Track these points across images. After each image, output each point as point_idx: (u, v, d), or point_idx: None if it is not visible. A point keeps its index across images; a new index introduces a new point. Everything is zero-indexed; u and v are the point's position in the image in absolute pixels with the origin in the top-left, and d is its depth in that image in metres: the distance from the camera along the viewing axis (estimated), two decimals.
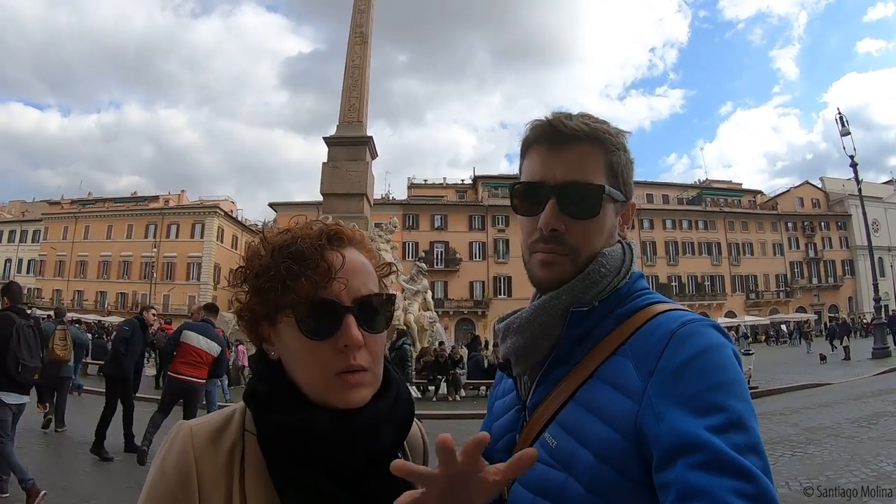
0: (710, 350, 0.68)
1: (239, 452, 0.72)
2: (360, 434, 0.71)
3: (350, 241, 0.77)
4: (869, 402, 9.29)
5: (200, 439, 0.72)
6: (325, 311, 0.70)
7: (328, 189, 16.27)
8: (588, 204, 0.81)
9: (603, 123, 0.84)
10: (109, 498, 4.77)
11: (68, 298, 45.48)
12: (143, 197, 55.09)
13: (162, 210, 49.20)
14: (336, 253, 0.73)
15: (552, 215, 0.80)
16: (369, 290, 0.74)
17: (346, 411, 0.71)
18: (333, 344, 0.70)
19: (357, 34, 17.73)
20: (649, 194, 51.63)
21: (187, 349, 6.02)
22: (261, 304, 0.74)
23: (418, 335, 15.37)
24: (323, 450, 0.70)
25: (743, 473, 0.58)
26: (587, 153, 0.82)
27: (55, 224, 49.13)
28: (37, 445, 6.43)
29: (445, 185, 52.63)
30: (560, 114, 0.84)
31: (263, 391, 0.74)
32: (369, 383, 0.73)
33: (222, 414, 0.77)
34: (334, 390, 0.70)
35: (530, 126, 0.85)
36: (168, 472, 0.69)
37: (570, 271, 0.82)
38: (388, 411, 0.75)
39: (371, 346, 0.73)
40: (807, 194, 53.85)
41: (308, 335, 0.70)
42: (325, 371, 0.70)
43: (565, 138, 0.81)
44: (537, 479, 0.76)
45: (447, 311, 40.11)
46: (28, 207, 56.10)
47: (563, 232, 0.81)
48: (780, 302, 49.17)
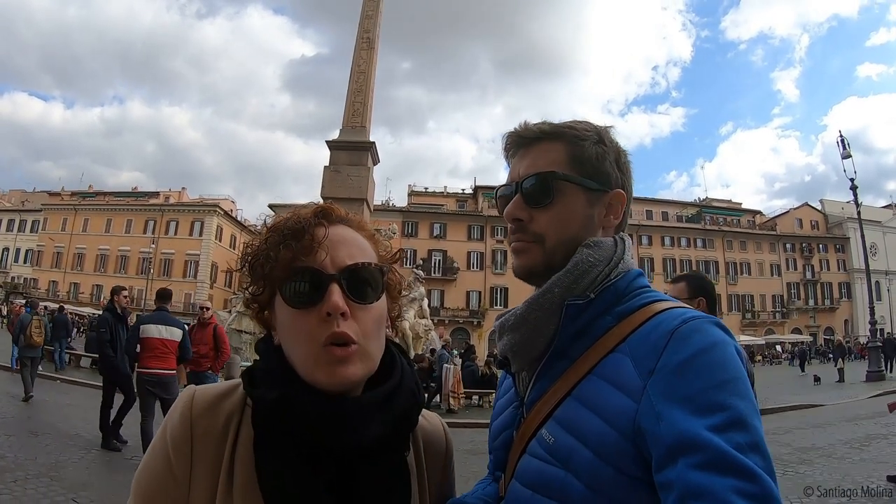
0: (712, 348, 0.67)
1: (236, 422, 0.73)
2: (345, 419, 0.69)
3: (341, 220, 0.78)
4: (862, 425, 9.28)
5: (200, 404, 0.74)
6: (306, 278, 0.71)
7: (329, 193, 16.24)
8: (541, 190, 0.85)
9: (574, 123, 0.88)
10: (97, 489, 4.73)
11: (64, 290, 45.35)
12: (143, 192, 55.15)
13: (162, 206, 49.17)
14: (322, 225, 0.74)
15: (514, 206, 0.86)
16: (357, 260, 0.74)
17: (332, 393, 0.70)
18: (318, 312, 0.70)
19: (364, 39, 17.83)
20: (649, 211, 51.78)
21: (150, 343, 5.88)
22: (258, 284, 0.76)
23: (413, 343, 15.33)
24: (304, 431, 0.69)
25: (745, 473, 0.57)
26: (547, 149, 0.87)
27: (54, 215, 49.04)
28: (26, 436, 6.38)
29: (446, 194, 52.69)
30: (526, 122, 0.90)
31: (259, 369, 0.76)
32: (358, 360, 0.70)
33: (229, 383, 0.78)
34: (322, 364, 0.69)
35: (503, 138, 0.93)
36: (167, 432, 0.72)
37: (539, 258, 0.85)
38: (382, 400, 0.73)
39: (361, 318, 0.72)
40: (806, 216, 54.04)
41: (291, 304, 0.71)
42: (311, 341, 0.70)
43: (528, 141, 0.89)
44: (535, 475, 0.76)
45: (443, 320, 39.93)
46: (28, 197, 56.03)
47: (527, 221, 0.85)
48: (776, 323, 49.17)
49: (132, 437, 6.23)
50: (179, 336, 6.10)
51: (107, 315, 6.83)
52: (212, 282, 45.14)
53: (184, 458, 0.70)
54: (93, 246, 47.15)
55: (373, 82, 17.84)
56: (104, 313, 6.99)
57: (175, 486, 0.70)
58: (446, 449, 0.90)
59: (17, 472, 4.89)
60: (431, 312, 19.97)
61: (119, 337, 6.62)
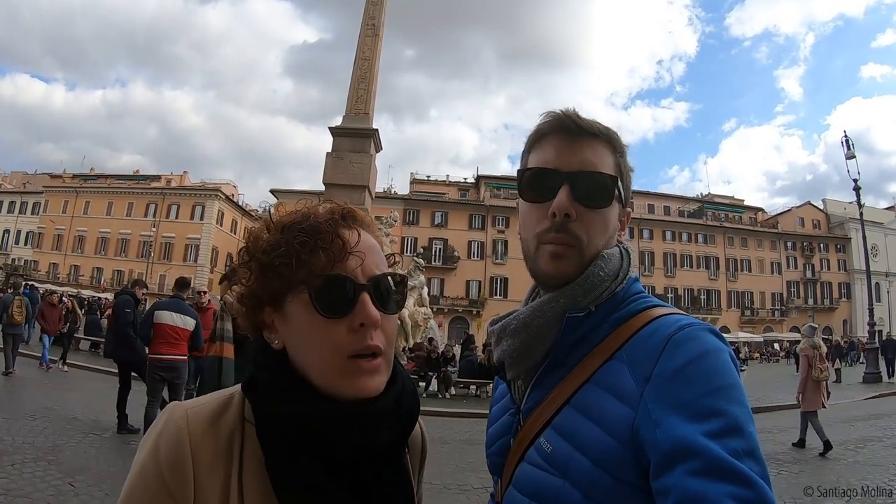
0: (707, 355, 0.67)
1: (238, 441, 0.69)
2: (364, 428, 0.68)
3: (362, 223, 0.76)
4: (857, 426, 9.31)
5: (197, 423, 0.68)
6: (341, 286, 0.68)
7: (331, 179, 16.20)
8: (602, 193, 0.82)
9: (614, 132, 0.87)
10: (95, 473, 4.75)
11: (64, 273, 45.49)
12: (144, 175, 55.03)
13: (163, 190, 49.16)
14: (352, 230, 0.72)
15: (566, 200, 0.80)
16: (382, 270, 0.72)
17: (351, 402, 0.68)
18: (349, 323, 0.67)
19: (369, 26, 17.66)
20: (650, 205, 51.69)
21: (163, 329, 5.93)
22: (269, 283, 0.70)
23: (412, 331, 15.37)
24: (322, 443, 0.67)
25: (741, 479, 0.58)
26: (601, 149, 0.84)
27: (56, 197, 49.07)
28: (24, 420, 6.40)
29: (448, 183, 52.61)
30: (575, 110, 0.85)
31: (264, 380, 0.71)
32: (384, 370, 0.70)
33: (218, 398, 0.73)
34: (348, 376, 0.67)
35: (546, 116, 0.86)
36: (161, 455, 0.65)
37: (576, 266, 0.81)
38: (393, 405, 0.72)
39: (386, 328, 0.71)
40: (808, 215, 53.98)
41: (323, 312, 0.67)
42: (338, 353, 0.67)
43: (581, 132, 0.83)
44: (533, 483, 0.75)
45: (442, 309, 40.12)
46: (29, 179, 55.89)
47: (573, 219, 0.80)
48: (775, 320, 49.30)
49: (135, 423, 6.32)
50: (193, 325, 6.15)
51: (129, 298, 7.00)
52: (212, 266, 45.21)
53: (183, 480, 0.65)
54: (93, 229, 47.25)
55: (377, 69, 17.69)
56: (126, 296, 7.15)
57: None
58: (422, 445, 0.90)
59: (15, 456, 4.91)
60: (431, 301, 20.00)
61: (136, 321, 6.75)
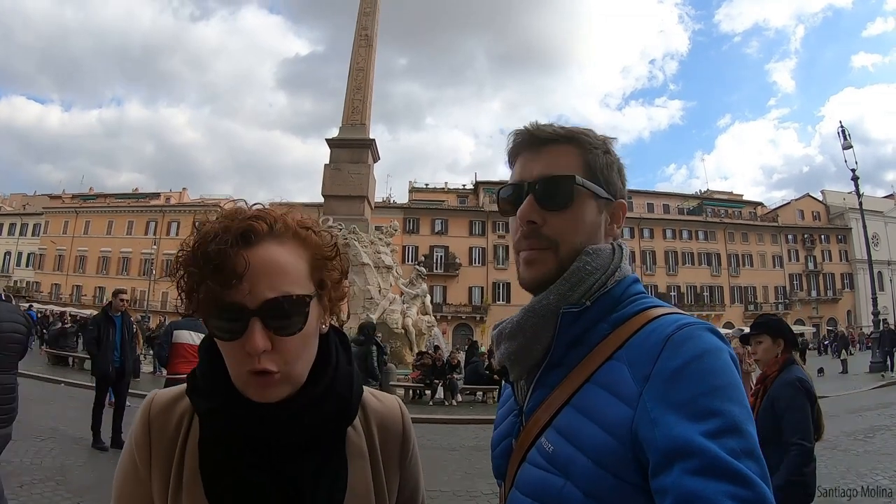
0: (706, 354, 0.67)
1: (187, 422, 0.80)
2: (276, 425, 0.74)
3: (268, 235, 0.74)
4: (865, 416, 9.28)
5: (157, 406, 0.81)
6: (229, 315, 0.71)
7: (330, 191, 16.27)
8: (560, 194, 0.83)
9: (585, 130, 0.89)
10: (103, 492, 4.74)
11: (66, 293, 45.44)
12: (144, 193, 55.09)
13: (163, 207, 49.18)
14: (241, 256, 0.70)
15: (528, 208, 0.84)
16: (280, 293, 0.72)
17: (261, 403, 0.74)
18: (241, 346, 0.71)
19: (362, 37, 17.79)
20: (650, 203, 51.70)
21: (182, 349, 5.88)
22: (187, 302, 0.75)
23: (416, 339, 15.34)
24: (238, 435, 0.75)
25: (739, 478, 0.58)
26: (562, 152, 0.86)
27: (56, 218, 49.11)
28: (30, 440, 6.40)
29: (447, 190, 52.64)
30: (537, 122, 0.88)
31: (200, 375, 0.80)
32: (280, 384, 0.74)
33: (183, 386, 0.82)
34: (249, 387, 0.73)
35: (511, 136, 0.90)
36: (132, 437, 0.80)
37: (553, 269, 0.82)
38: (309, 405, 0.77)
39: (283, 348, 0.73)
40: (807, 207, 53.88)
41: (217, 338, 0.74)
42: (239, 368, 0.73)
43: (542, 141, 0.87)
44: (535, 484, 0.76)
45: (445, 316, 40.04)
46: (29, 201, 56.00)
47: (540, 224, 0.83)
48: (779, 314, 49.05)
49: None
50: None
51: (99, 318, 7.16)
52: None
53: (145, 458, 0.78)
54: (94, 248, 47.23)
55: (372, 79, 17.79)
56: (98, 316, 7.35)
57: (140, 484, 0.78)
58: (403, 427, 0.93)
59: (24, 477, 4.91)
60: (434, 309, 19.97)
61: (107, 336, 6.88)
